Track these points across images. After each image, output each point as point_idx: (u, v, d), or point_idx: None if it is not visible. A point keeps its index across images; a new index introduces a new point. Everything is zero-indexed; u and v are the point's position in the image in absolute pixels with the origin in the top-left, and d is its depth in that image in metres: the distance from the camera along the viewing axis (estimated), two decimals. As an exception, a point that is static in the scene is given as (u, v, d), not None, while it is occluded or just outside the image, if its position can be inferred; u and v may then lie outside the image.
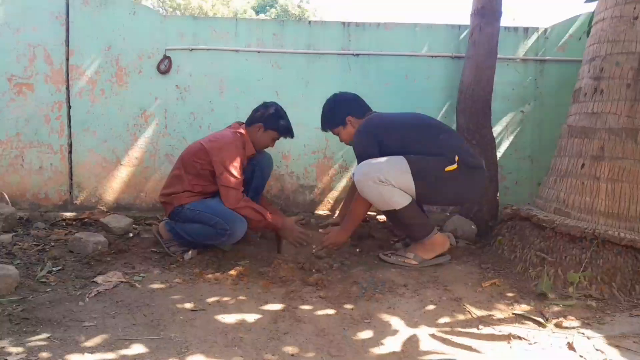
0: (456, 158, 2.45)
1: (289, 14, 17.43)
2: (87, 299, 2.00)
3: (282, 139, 2.91)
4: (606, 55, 2.45)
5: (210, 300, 2.05)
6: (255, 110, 2.83)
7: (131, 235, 2.94)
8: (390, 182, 2.40)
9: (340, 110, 2.76)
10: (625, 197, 2.31)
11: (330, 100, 2.83)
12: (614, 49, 2.42)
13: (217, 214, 2.51)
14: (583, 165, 2.44)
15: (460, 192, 2.57)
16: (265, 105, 2.83)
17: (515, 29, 3.72)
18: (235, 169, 2.57)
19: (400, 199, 2.44)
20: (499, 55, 3.37)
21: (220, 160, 2.56)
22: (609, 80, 2.42)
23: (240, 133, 2.75)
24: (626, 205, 2.30)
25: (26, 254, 2.48)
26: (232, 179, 2.54)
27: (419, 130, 2.60)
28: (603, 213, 2.34)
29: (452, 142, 2.55)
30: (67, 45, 3.41)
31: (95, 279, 2.19)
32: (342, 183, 3.69)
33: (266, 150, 2.95)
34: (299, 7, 17.71)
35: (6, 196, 3.28)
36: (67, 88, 3.42)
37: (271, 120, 2.79)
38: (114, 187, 3.51)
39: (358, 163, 2.57)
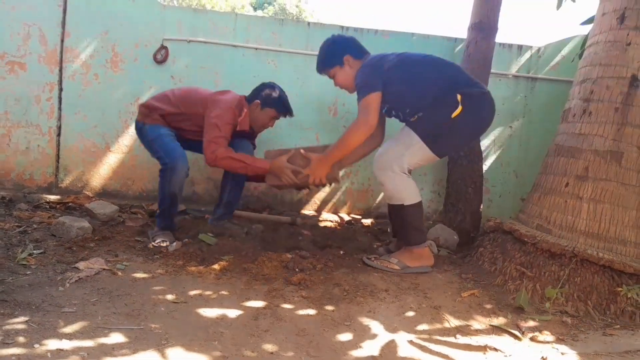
0: (458, 97, 2.44)
1: (287, 13, 17.42)
2: (68, 285, 1.98)
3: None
4: (597, 78, 2.50)
5: (192, 293, 2.05)
6: (255, 89, 2.88)
7: (116, 222, 2.93)
8: (409, 164, 2.49)
9: (338, 49, 2.67)
10: (605, 218, 2.36)
11: (329, 40, 2.74)
12: (606, 72, 2.48)
13: (162, 148, 2.65)
14: (567, 184, 2.49)
15: (476, 126, 2.60)
16: (264, 84, 2.88)
17: (510, 45, 3.78)
18: (222, 125, 2.60)
19: (411, 196, 2.51)
20: (492, 70, 3.42)
21: (213, 115, 2.62)
22: (598, 103, 2.47)
23: (239, 100, 2.77)
24: (606, 227, 2.36)
25: (7, 235, 2.45)
26: (216, 132, 2.59)
27: (423, 65, 2.57)
28: (583, 232, 2.39)
29: (454, 77, 2.54)
30: (63, 27, 3.38)
31: (77, 265, 2.17)
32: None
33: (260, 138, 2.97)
34: (297, 6, 17.70)
35: (-10, 175, 3.24)
36: (60, 70, 3.40)
37: (269, 98, 2.81)
38: (101, 173, 3.48)
39: (359, 97, 2.54)
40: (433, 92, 2.49)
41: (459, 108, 2.43)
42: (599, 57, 2.52)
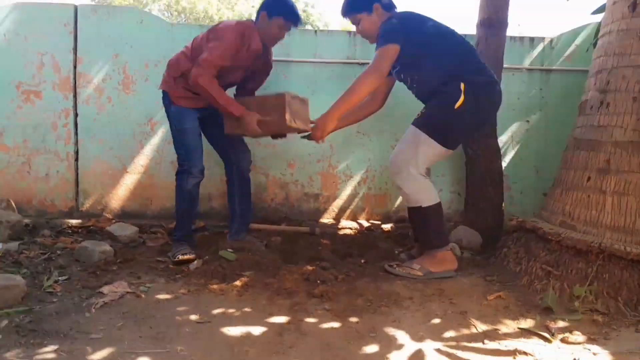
0: (462, 87, 2.44)
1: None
2: (94, 310, 2.01)
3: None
4: (612, 68, 2.45)
5: (215, 312, 2.06)
6: (260, 4, 2.78)
7: (137, 243, 2.96)
8: (424, 163, 2.49)
9: None
10: (631, 210, 2.30)
11: None
12: (621, 62, 2.42)
13: (184, 146, 2.73)
14: (589, 178, 2.44)
15: (480, 116, 2.60)
16: None
17: (521, 38, 3.72)
18: (216, 52, 2.54)
19: (429, 197, 2.50)
20: (504, 65, 3.37)
21: (210, 45, 2.58)
22: (615, 94, 2.42)
23: (243, 23, 2.69)
24: (632, 219, 2.29)
25: (33, 263, 2.50)
26: (207, 57, 2.53)
27: (447, 41, 2.58)
28: (609, 227, 2.33)
29: (465, 62, 2.55)
30: (75, 53, 3.43)
31: (101, 289, 2.20)
32: (347, 192, 3.69)
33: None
34: (304, 11, 17.74)
35: (12, 203, 3.30)
36: (75, 95, 3.45)
37: (274, 5, 2.67)
38: (119, 195, 3.52)
39: (377, 46, 2.52)
40: (442, 73, 2.49)
41: (461, 98, 2.43)
42: (613, 46, 2.46)
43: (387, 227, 3.54)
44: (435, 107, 2.47)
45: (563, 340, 1.88)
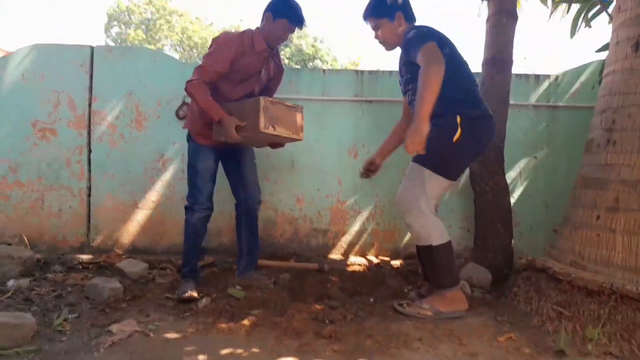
0: (458, 119, 2.45)
1: (304, 53, 17.84)
2: (102, 350, 2.00)
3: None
4: (618, 107, 2.47)
5: (224, 352, 2.04)
6: (266, 4, 2.75)
7: (146, 280, 2.97)
8: (432, 199, 2.49)
9: (394, 2, 2.56)
10: (642, 250, 2.28)
11: None
12: (626, 101, 2.44)
13: (194, 184, 2.80)
14: (598, 217, 2.43)
15: (475, 150, 2.60)
16: None
17: (527, 76, 3.78)
18: (210, 59, 2.61)
19: (439, 235, 2.48)
20: (511, 102, 3.41)
21: (207, 54, 2.65)
22: (621, 132, 2.43)
23: (242, 32, 2.71)
24: (644, 259, 2.27)
25: (43, 300, 2.51)
26: (201, 64, 2.62)
27: (460, 70, 2.54)
28: (620, 266, 2.31)
29: (465, 95, 2.52)
30: (90, 92, 3.54)
31: (110, 328, 2.20)
32: (356, 227, 3.70)
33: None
34: (313, 46, 18.12)
35: (25, 238, 3.34)
36: (89, 132, 3.53)
37: (279, 6, 2.66)
38: (130, 230, 3.56)
39: (418, 45, 2.36)
40: (445, 100, 2.37)
41: (458, 131, 2.44)
42: (618, 85, 2.49)
43: (396, 263, 3.53)
44: (434, 142, 2.39)
45: (576, 385, 1.84)
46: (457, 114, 2.46)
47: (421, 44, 2.36)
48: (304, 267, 3.32)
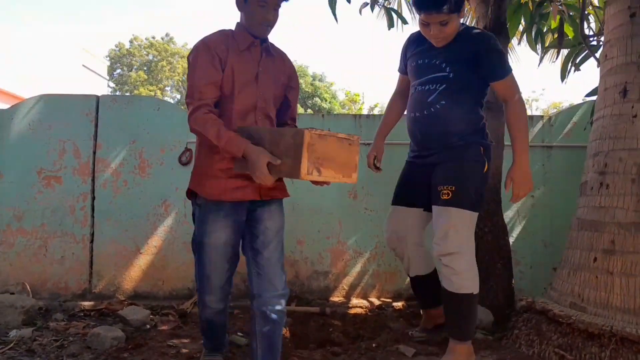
0: (482, 150, 2.36)
1: (303, 92, 18.18)
2: (104, 403, 2.00)
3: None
4: (609, 151, 2.54)
5: (226, 402, 2.04)
6: None
7: (148, 327, 2.97)
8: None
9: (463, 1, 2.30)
10: (640, 292, 2.31)
11: None
12: (616, 145, 2.52)
13: (200, 268, 2.06)
14: (595, 259, 2.46)
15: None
16: None
17: (521, 117, 3.86)
18: (191, 81, 1.95)
19: (477, 283, 2.33)
20: (506, 143, 3.48)
21: (188, 82, 2.01)
22: (613, 175, 2.49)
23: (220, 30, 2.09)
24: (642, 301, 2.29)
25: (45, 351, 2.51)
26: (190, 87, 1.95)
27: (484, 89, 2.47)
28: (620, 308, 2.33)
29: (483, 127, 2.45)
30: (95, 140, 3.62)
31: (112, 380, 2.20)
32: (357, 268, 3.72)
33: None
34: (312, 84, 18.47)
35: (27, 286, 3.36)
36: (93, 180, 3.60)
37: None
38: (132, 276, 3.58)
39: (505, 71, 2.31)
40: (470, 129, 2.34)
41: (486, 164, 2.35)
42: (608, 130, 2.57)
43: (398, 304, 3.53)
44: (469, 179, 2.28)
45: None
46: (480, 144, 2.36)
47: (509, 70, 2.32)
48: (306, 311, 3.32)
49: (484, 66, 2.31)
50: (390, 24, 3.75)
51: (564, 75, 3.62)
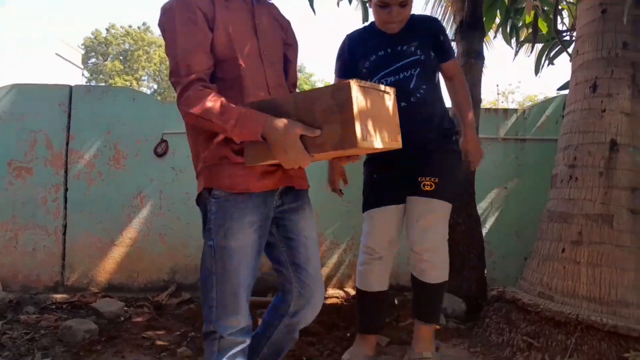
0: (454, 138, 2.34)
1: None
2: (76, 395, 1.99)
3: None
4: (578, 144, 2.60)
5: (200, 394, 2.04)
6: None
7: (122, 319, 2.95)
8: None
9: None
10: (605, 281, 2.38)
11: None
12: (586, 139, 2.58)
13: (218, 288, 1.45)
14: (563, 249, 2.53)
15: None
16: None
17: (496, 110, 3.94)
18: (180, 40, 1.43)
19: (448, 270, 2.28)
20: (480, 136, 3.54)
21: (168, 55, 1.48)
22: (582, 169, 2.56)
23: None
24: (607, 290, 2.37)
25: (15, 344, 2.48)
26: (171, 68, 1.46)
27: None
28: (586, 297, 2.40)
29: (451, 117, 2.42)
30: (68, 131, 3.55)
31: (84, 373, 2.18)
32: (333, 259, 3.74)
33: None
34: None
35: (-2, 279, 3.30)
36: (66, 171, 3.54)
37: None
38: (106, 268, 3.54)
39: (451, 56, 2.32)
40: (447, 117, 2.31)
41: (461, 153, 2.32)
42: (578, 124, 2.63)
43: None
44: (452, 169, 2.23)
45: (546, 417, 1.90)
46: (455, 132, 2.33)
47: (453, 57, 2.33)
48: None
49: (442, 46, 2.27)
50: (365, 17, 3.75)
51: (537, 69, 3.69)
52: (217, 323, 1.43)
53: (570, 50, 3.34)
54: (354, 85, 1.27)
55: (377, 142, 1.35)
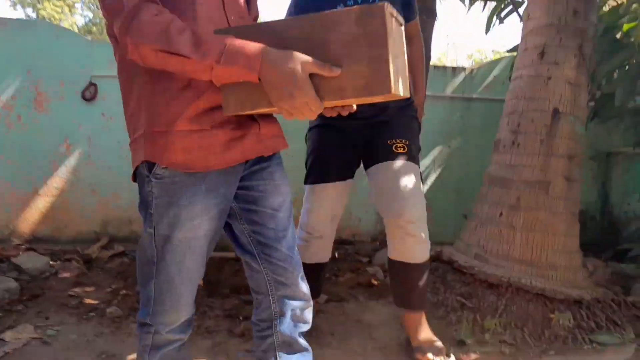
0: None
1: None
2: (-8, 362, 1.86)
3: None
4: (523, 111, 2.61)
5: (131, 357, 1.97)
6: None
7: (48, 274, 2.77)
8: None
9: None
10: (537, 245, 2.47)
11: None
12: (530, 105, 2.59)
13: (163, 280, 1.19)
14: (501, 213, 2.58)
15: None
16: None
17: (444, 68, 3.89)
18: None
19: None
20: (428, 93, 3.49)
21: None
22: (525, 135, 2.58)
23: None
24: (538, 254, 2.46)
25: None
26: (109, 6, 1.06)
27: None
28: (518, 260, 2.48)
29: None
30: (-20, 68, 3.17)
31: (2, 336, 2.03)
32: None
33: None
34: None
35: None
36: (-21, 113, 3.19)
37: None
38: (29, 219, 3.29)
39: (414, 16, 2.12)
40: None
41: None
42: (523, 90, 2.63)
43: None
44: (417, 133, 2.09)
45: (473, 374, 1.97)
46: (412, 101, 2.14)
47: (416, 16, 2.12)
48: (221, 257, 3.26)
49: (409, 6, 2.07)
50: None
51: (488, 27, 3.64)
52: (154, 318, 1.20)
53: (521, 11, 3.30)
54: (387, 9, 0.93)
55: (402, 89, 1.02)
